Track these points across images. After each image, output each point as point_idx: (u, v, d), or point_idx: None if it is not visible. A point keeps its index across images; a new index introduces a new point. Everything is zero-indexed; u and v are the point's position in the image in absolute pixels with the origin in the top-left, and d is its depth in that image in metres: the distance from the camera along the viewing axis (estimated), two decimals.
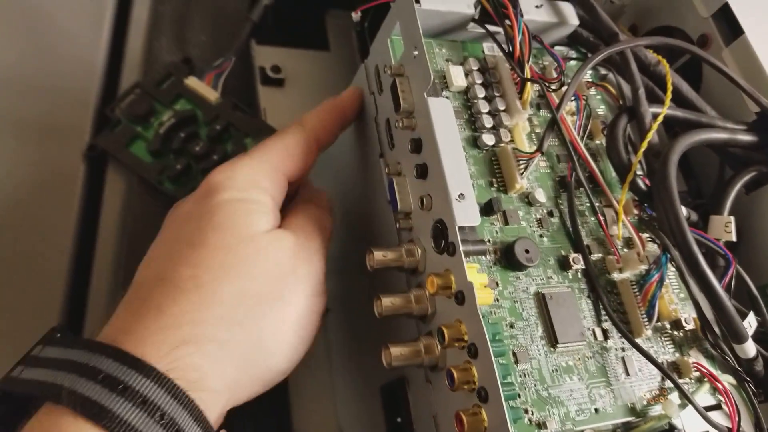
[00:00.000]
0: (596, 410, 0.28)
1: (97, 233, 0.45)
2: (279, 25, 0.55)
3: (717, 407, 0.31)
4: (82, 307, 0.43)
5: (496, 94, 0.34)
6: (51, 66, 0.49)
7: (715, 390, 0.31)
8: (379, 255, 0.29)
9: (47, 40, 0.50)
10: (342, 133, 0.36)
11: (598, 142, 0.36)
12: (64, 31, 0.51)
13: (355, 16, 0.40)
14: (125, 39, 0.53)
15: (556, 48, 0.39)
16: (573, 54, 0.38)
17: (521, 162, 0.32)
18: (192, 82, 0.50)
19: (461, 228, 0.27)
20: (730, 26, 0.39)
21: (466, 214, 0.27)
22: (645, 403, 0.29)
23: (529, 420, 0.26)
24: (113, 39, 0.53)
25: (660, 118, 0.34)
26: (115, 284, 0.43)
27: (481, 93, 0.33)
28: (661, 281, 0.30)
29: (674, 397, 0.30)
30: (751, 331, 0.31)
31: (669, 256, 0.31)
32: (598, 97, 0.38)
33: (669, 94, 0.35)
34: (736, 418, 0.29)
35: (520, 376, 0.27)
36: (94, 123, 0.49)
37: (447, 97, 0.33)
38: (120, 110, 0.48)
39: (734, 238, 0.34)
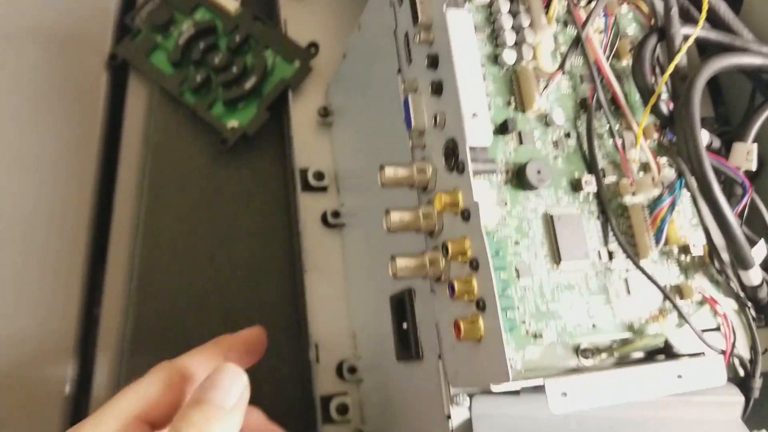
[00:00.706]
0: (594, 325, 0.29)
1: (121, 143, 0.46)
2: None
3: (715, 329, 0.32)
4: (108, 214, 0.44)
5: (521, 8, 0.32)
6: None
7: (716, 314, 0.32)
8: (390, 171, 0.30)
9: None
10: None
11: (624, 63, 0.35)
12: None
13: None
14: None
15: None
16: None
17: (541, 81, 0.31)
18: None
19: (472, 147, 0.27)
20: None
21: (478, 133, 0.27)
22: (643, 321, 0.30)
23: (526, 331, 0.28)
24: None
25: (690, 40, 0.32)
26: (141, 192, 0.44)
27: (505, 7, 0.32)
28: (672, 205, 0.30)
29: (672, 317, 0.30)
30: (759, 259, 0.31)
31: (684, 181, 0.31)
32: (629, 15, 0.36)
33: (704, 14, 0.33)
34: (731, 340, 0.30)
35: (521, 290, 0.28)
36: (115, 32, 0.48)
37: (468, 11, 0.32)
38: (140, 19, 0.48)
39: (754, 168, 0.33)
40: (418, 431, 0.34)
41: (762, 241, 0.32)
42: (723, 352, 0.30)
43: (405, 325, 0.34)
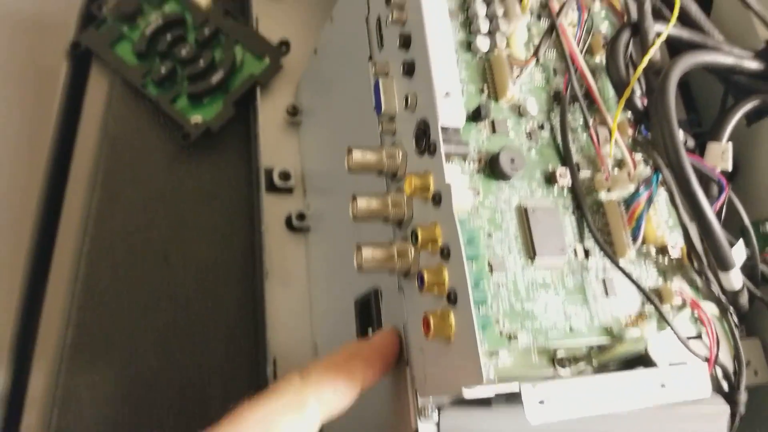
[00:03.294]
0: (571, 328, 0.27)
1: (77, 132, 0.44)
2: None
3: (696, 337, 0.30)
4: (59, 204, 0.42)
5: None
6: None
7: (696, 320, 0.30)
8: (358, 155, 0.28)
9: None
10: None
11: (598, 59, 0.34)
12: None
13: None
14: None
15: None
16: None
17: (515, 69, 0.30)
18: None
19: (444, 128, 0.26)
20: None
21: (450, 113, 0.26)
22: (623, 325, 0.28)
23: (500, 331, 0.26)
24: None
25: (664, 35, 0.32)
26: (93, 185, 0.42)
27: None
28: (649, 200, 0.29)
29: (653, 321, 0.29)
30: (739, 261, 0.30)
31: (660, 176, 0.29)
32: (602, 14, 0.36)
33: (676, 11, 0.33)
34: (715, 348, 0.29)
35: (494, 286, 0.26)
36: (80, 20, 0.46)
37: None
38: (106, 8, 0.46)
39: (730, 167, 0.32)
40: None
41: (741, 242, 0.31)
42: (707, 360, 0.28)
43: (370, 331, 0.32)
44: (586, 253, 0.29)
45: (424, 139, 0.26)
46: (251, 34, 0.47)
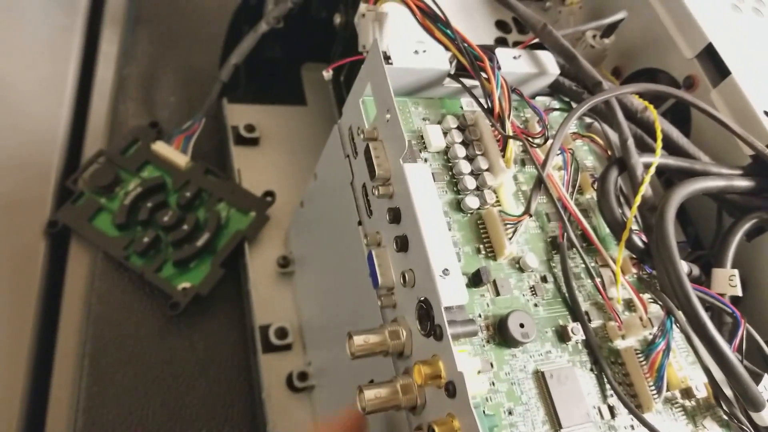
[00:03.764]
0: None
1: (59, 317, 0.42)
2: (253, 82, 0.53)
3: None
4: (45, 396, 0.39)
5: (478, 152, 0.31)
6: (8, 138, 0.47)
7: None
8: (359, 340, 0.26)
9: (4, 109, 0.48)
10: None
11: (588, 196, 0.34)
12: (24, 98, 0.49)
13: (327, 74, 0.38)
14: (89, 104, 0.51)
15: (538, 98, 0.37)
16: (555, 104, 0.37)
17: (509, 226, 0.29)
18: (160, 147, 0.48)
19: (447, 308, 0.25)
20: (716, 66, 0.38)
21: (452, 291, 0.25)
22: None
23: None
24: (76, 105, 0.51)
25: (652, 170, 0.32)
26: (80, 372, 0.40)
27: (461, 152, 0.31)
28: (668, 349, 0.28)
29: None
30: (767, 396, 0.28)
31: (674, 319, 0.28)
32: (585, 147, 0.36)
33: (659, 143, 0.33)
34: None
35: None
36: (56, 196, 0.46)
37: (426, 159, 0.31)
38: (83, 181, 0.46)
39: (740, 293, 0.31)
40: None
41: (766, 377, 0.29)
42: None
43: None
44: (612, 412, 0.28)
45: (428, 321, 0.25)
46: (235, 189, 0.47)
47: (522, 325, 0.27)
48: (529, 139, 0.32)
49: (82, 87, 0.52)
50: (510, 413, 0.26)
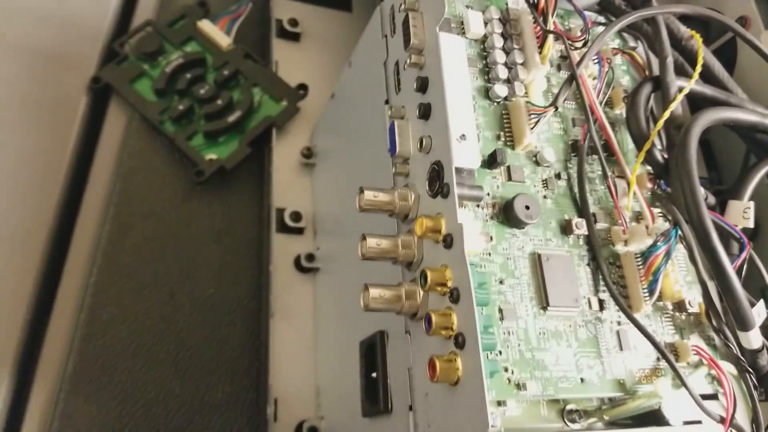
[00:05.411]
0: (582, 380, 0.26)
1: (92, 165, 0.44)
2: None
3: (712, 397, 0.29)
4: (69, 234, 0.42)
5: (515, 46, 0.32)
6: None
7: (713, 379, 0.29)
8: (369, 195, 0.28)
9: None
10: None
11: (618, 111, 0.34)
12: None
13: None
14: None
15: (586, 13, 0.37)
16: (602, 20, 0.36)
17: (532, 116, 0.30)
18: (205, 25, 0.49)
19: (458, 170, 0.25)
20: None
21: (465, 155, 0.25)
22: (636, 380, 0.27)
23: (509, 379, 0.25)
24: None
25: (686, 90, 0.32)
26: (104, 217, 0.42)
27: (499, 43, 0.31)
28: (668, 255, 0.28)
29: (668, 378, 0.28)
30: (759, 321, 0.29)
31: (680, 231, 0.29)
32: (624, 67, 0.36)
33: (699, 67, 0.33)
34: (732, 409, 0.27)
35: (504, 333, 0.25)
36: (102, 56, 0.48)
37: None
38: (129, 46, 0.47)
39: (752, 224, 0.31)
40: None
41: (761, 302, 0.29)
42: (722, 420, 0.27)
43: (375, 375, 0.31)
44: (601, 305, 0.28)
45: (438, 181, 0.26)
46: (270, 76, 0.48)
47: (527, 207, 0.28)
48: (569, 41, 0.32)
49: None
50: (501, 282, 0.27)
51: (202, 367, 0.40)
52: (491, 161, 0.29)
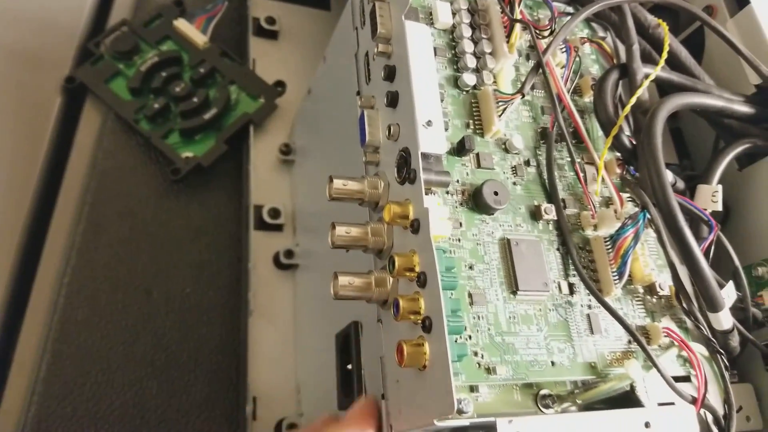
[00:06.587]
0: (553, 363, 0.26)
1: (67, 165, 0.44)
2: None
3: (685, 379, 0.29)
4: (42, 239, 0.41)
5: (484, 36, 0.32)
6: None
7: (685, 361, 0.29)
8: (338, 183, 0.28)
9: None
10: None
11: (587, 99, 0.34)
12: None
13: None
14: None
15: (554, 4, 0.37)
16: (571, 10, 0.37)
17: (500, 104, 0.30)
18: (181, 24, 0.49)
19: (425, 155, 0.26)
20: None
21: (431, 140, 0.25)
22: (607, 362, 0.27)
23: (479, 363, 0.25)
24: None
25: (652, 76, 0.32)
26: (79, 217, 0.41)
27: (467, 33, 0.32)
28: (636, 237, 0.28)
29: (639, 360, 0.28)
30: (729, 302, 0.29)
31: (648, 214, 0.29)
32: (593, 57, 0.36)
33: (665, 54, 0.33)
34: (703, 389, 0.27)
35: (474, 317, 0.25)
36: (77, 56, 0.47)
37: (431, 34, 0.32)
38: (104, 45, 0.47)
39: (720, 208, 0.32)
40: None
41: (731, 283, 0.30)
42: (694, 401, 0.27)
43: (350, 366, 0.31)
44: (571, 289, 0.29)
45: (405, 167, 0.26)
46: (247, 74, 0.48)
47: (496, 193, 0.28)
48: (536, 30, 0.32)
49: None
50: (470, 268, 0.27)
51: (179, 367, 0.40)
52: (460, 148, 0.29)
